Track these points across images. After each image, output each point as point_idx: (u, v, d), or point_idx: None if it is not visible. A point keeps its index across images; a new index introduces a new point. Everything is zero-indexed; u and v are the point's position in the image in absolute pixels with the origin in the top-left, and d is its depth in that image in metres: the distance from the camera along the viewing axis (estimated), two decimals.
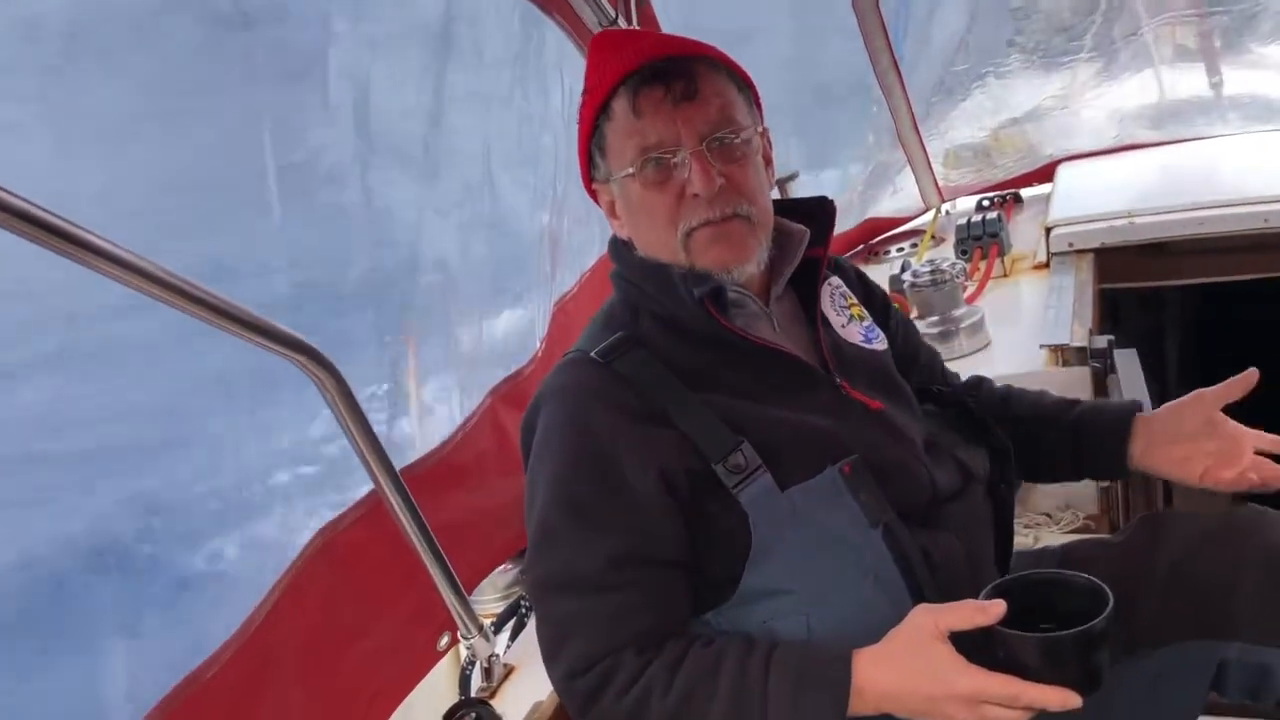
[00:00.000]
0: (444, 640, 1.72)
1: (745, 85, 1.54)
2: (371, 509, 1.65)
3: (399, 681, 1.66)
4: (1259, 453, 1.57)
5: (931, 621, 1.28)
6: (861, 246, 3.82)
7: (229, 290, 1.34)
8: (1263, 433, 1.59)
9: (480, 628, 1.71)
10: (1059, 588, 1.29)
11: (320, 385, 1.46)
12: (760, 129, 1.53)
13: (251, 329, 1.35)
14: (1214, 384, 1.63)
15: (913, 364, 1.79)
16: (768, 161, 1.57)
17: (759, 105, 1.56)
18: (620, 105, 1.46)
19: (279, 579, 1.53)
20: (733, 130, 1.46)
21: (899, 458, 1.53)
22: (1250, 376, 1.58)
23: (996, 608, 1.23)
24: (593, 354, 1.48)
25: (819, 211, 1.61)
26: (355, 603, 1.62)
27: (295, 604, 1.53)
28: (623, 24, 2.39)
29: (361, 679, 1.60)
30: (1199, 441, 1.61)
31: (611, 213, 1.57)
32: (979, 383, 1.88)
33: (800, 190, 3.45)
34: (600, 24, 2.38)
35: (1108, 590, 1.22)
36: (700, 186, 1.42)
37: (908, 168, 3.90)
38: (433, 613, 1.71)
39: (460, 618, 1.69)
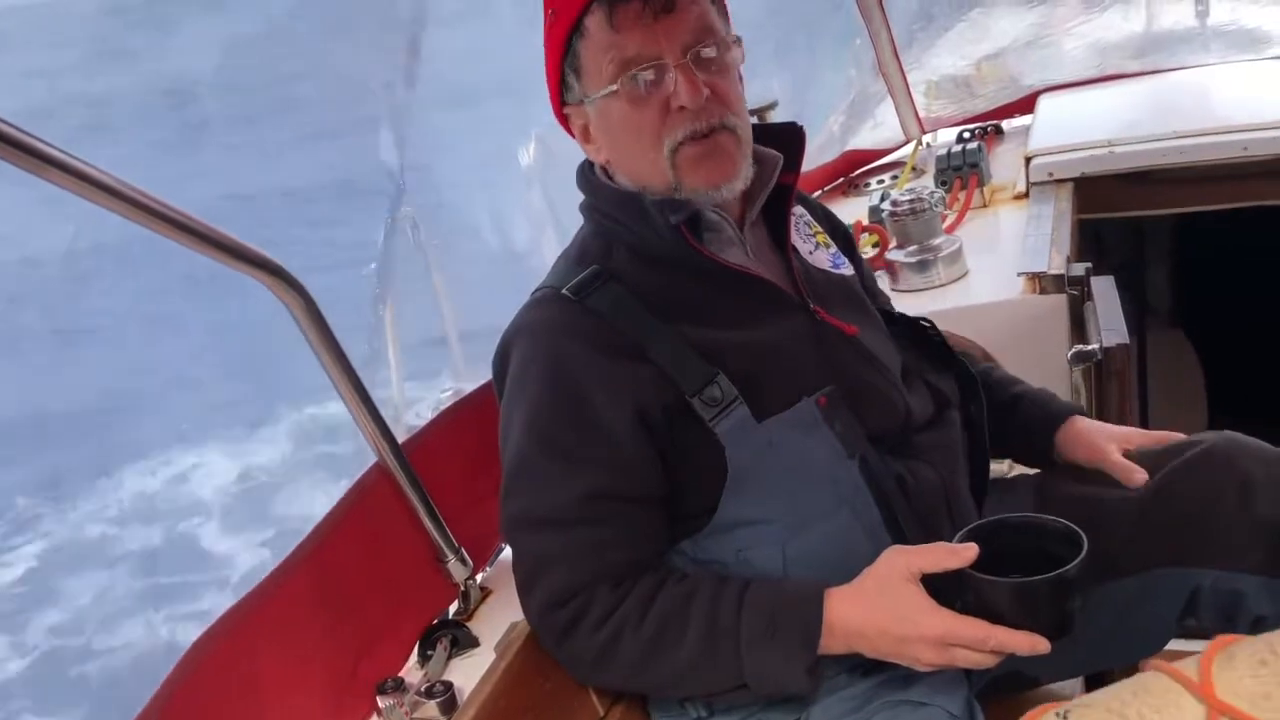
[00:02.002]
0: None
1: None
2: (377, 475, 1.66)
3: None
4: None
5: (904, 563, 1.29)
6: (841, 179, 3.78)
7: None
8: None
9: (457, 550, 1.70)
10: (1034, 531, 1.29)
11: (289, 307, 1.44)
12: (735, 41, 1.50)
13: (218, 246, 1.32)
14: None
15: (871, 293, 1.80)
16: (740, 78, 1.55)
17: (727, 15, 1.53)
18: (595, 21, 1.43)
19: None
20: (713, 41, 1.44)
21: (874, 383, 1.53)
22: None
23: (968, 551, 1.24)
24: (564, 290, 1.46)
25: (790, 137, 1.59)
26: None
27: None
28: None
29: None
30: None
31: (585, 137, 1.54)
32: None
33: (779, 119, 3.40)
34: None
35: (1083, 535, 1.23)
36: (687, 98, 1.40)
37: (888, 100, 3.86)
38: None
39: (436, 541, 1.68)
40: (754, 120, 1.55)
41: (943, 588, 1.26)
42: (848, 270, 1.69)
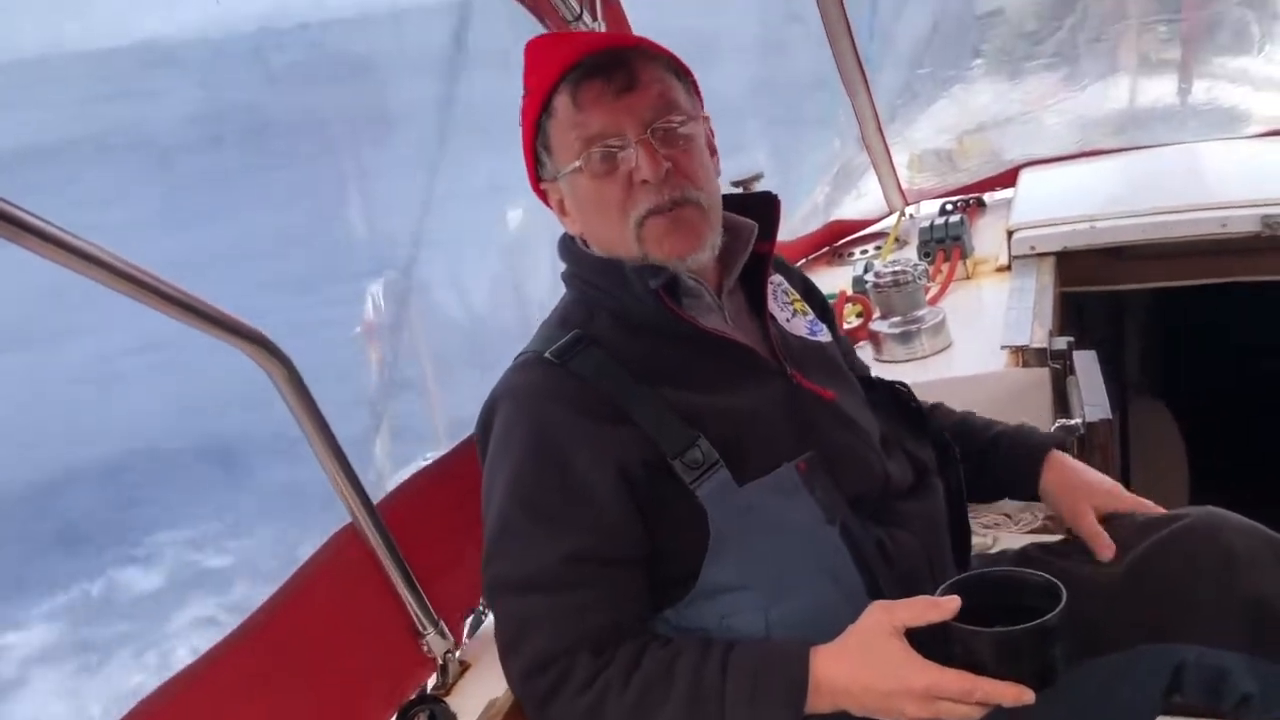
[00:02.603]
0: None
1: (684, 74, 1.55)
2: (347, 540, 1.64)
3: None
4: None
5: (886, 618, 1.28)
6: (826, 248, 3.83)
7: None
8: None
9: (436, 623, 1.68)
10: (1014, 585, 1.30)
11: (271, 376, 1.44)
12: (702, 116, 1.53)
13: (200, 316, 1.32)
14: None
15: (850, 361, 1.82)
16: (712, 150, 1.59)
17: (699, 94, 1.57)
18: (562, 101, 1.47)
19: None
20: (675, 117, 1.47)
21: (852, 448, 1.54)
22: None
23: (951, 603, 1.23)
24: (547, 354, 1.47)
25: (765, 207, 1.61)
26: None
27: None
28: (587, 20, 2.38)
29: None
30: None
31: (562, 211, 1.58)
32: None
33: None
34: (566, 19, 2.37)
35: (1061, 586, 1.23)
36: (648, 172, 1.43)
37: (872, 171, 3.91)
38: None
39: (415, 612, 1.66)
40: (739, 190, 1.57)
41: (927, 642, 1.25)
42: (825, 337, 1.71)
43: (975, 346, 2.60)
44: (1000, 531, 2.33)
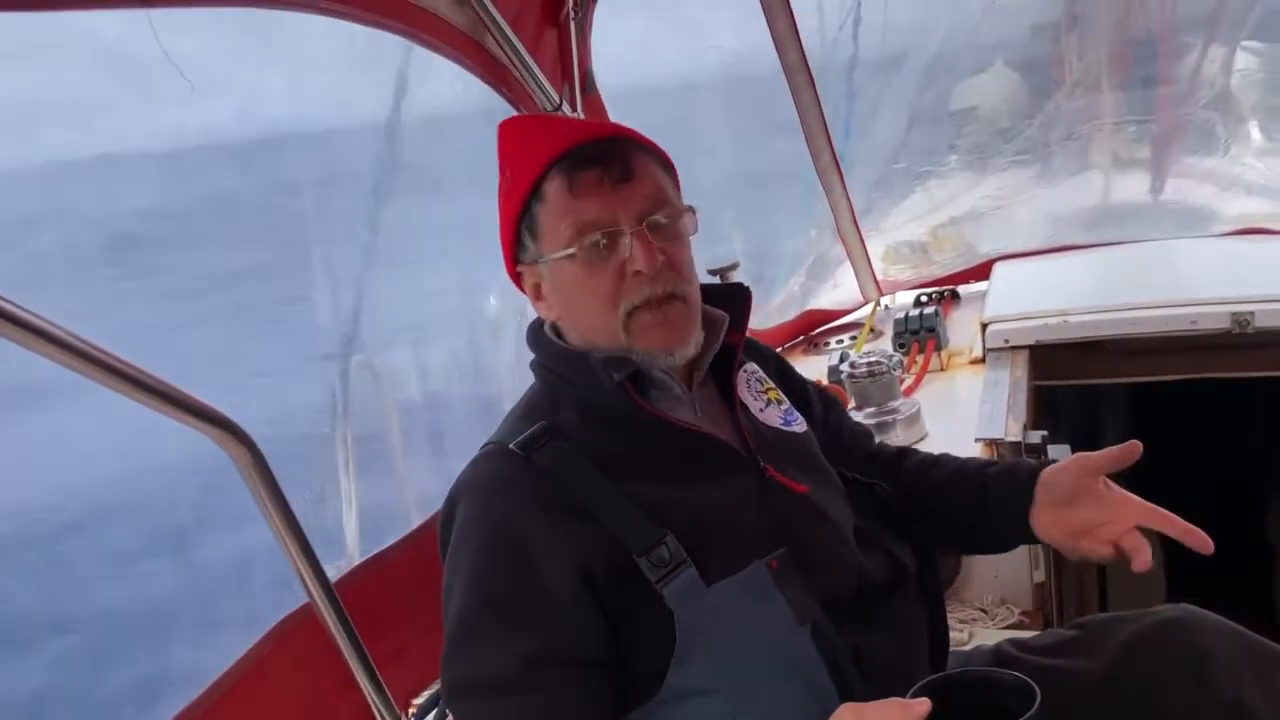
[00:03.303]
0: None
1: (669, 167, 1.56)
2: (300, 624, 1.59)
3: None
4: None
5: None
6: (801, 338, 3.85)
7: None
8: (1145, 504, 1.56)
9: (397, 716, 1.64)
10: (988, 685, 1.27)
11: (236, 462, 1.41)
12: (689, 209, 1.54)
13: (164, 399, 1.30)
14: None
15: (838, 442, 1.78)
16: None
17: (678, 186, 1.57)
18: (554, 187, 1.46)
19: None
20: (668, 210, 1.47)
21: (825, 543, 1.51)
22: (1133, 449, 1.54)
23: (921, 706, 1.21)
24: (511, 445, 1.45)
25: (736, 298, 1.61)
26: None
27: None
28: (567, 110, 2.40)
29: None
30: (1076, 509, 1.57)
31: (537, 295, 1.56)
32: (903, 453, 1.86)
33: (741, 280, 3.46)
34: (545, 108, 2.39)
35: (1035, 686, 1.20)
36: (644, 264, 1.42)
37: (847, 262, 3.95)
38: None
39: (376, 707, 1.62)
40: (716, 280, 1.57)
41: None
42: (800, 427, 1.69)
43: (950, 438, 2.59)
44: (976, 627, 2.31)
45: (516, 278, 1.59)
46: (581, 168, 1.45)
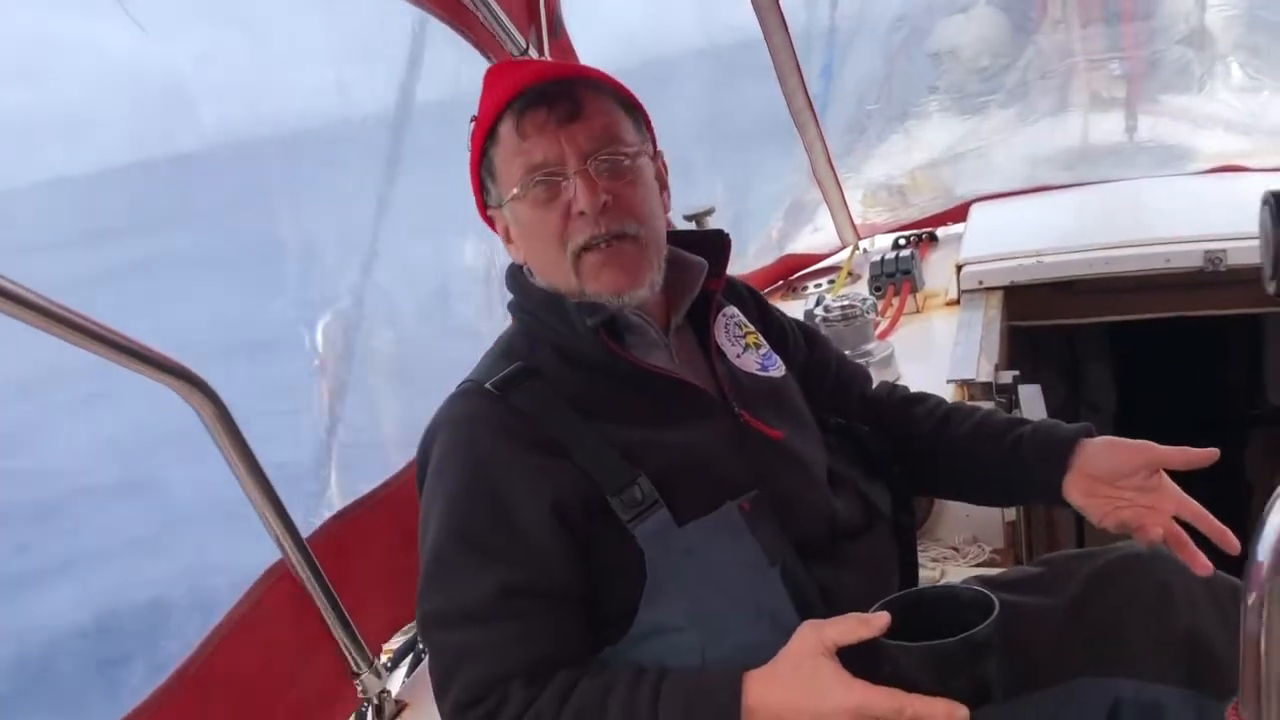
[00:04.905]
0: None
1: (633, 107, 1.53)
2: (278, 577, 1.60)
3: None
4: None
5: (816, 636, 1.27)
6: (780, 282, 3.85)
7: None
8: (1184, 496, 1.54)
9: (370, 663, 1.65)
10: (947, 602, 1.28)
11: (199, 413, 1.41)
12: (652, 150, 1.52)
13: (125, 352, 1.29)
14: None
15: (821, 383, 1.78)
16: (663, 185, 1.57)
17: (650, 127, 1.55)
18: (505, 129, 1.46)
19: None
20: (618, 148, 1.46)
21: (798, 487, 1.52)
22: (1209, 454, 1.52)
23: (880, 620, 1.22)
24: (487, 384, 1.46)
25: (715, 244, 1.60)
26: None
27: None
28: (533, 54, 2.38)
29: None
30: (1124, 491, 1.55)
31: (507, 238, 1.56)
32: (914, 399, 1.83)
33: (717, 225, 3.45)
34: (513, 54, 2.37)
35: (993, 598, 1.21)
36: (585, 203, 1.41)
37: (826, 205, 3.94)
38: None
39: (349, 652, 1.63)
40: (693, 226, 1.56)
41: (860, 661, 1.24)
42: (778, 372, 1.68)
43: (923, 380, 2.59)
44: (948, 565, 2.33)
45: (490, 222, 1.59)
46: (530, 108, 1.44)
